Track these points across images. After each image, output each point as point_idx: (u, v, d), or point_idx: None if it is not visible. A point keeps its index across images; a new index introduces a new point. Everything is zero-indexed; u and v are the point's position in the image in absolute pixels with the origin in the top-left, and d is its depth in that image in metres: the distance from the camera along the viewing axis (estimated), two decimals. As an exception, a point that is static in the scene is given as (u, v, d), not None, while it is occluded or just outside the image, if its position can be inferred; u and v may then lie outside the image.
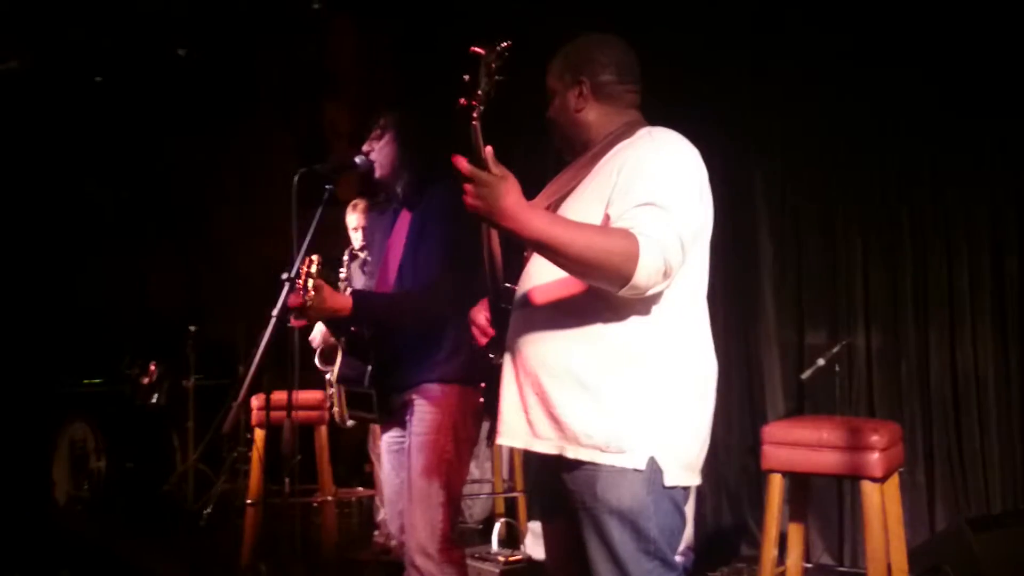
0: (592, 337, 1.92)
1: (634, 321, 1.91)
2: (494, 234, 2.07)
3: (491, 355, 2.15)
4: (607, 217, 1.92)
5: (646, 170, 1.91)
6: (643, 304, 1.90)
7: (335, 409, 3.71)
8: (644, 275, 1.78)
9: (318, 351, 3.56)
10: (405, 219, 3.06)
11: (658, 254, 1.79)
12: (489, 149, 1.77)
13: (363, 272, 4.50)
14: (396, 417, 2.99)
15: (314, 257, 2.70)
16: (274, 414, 2.99)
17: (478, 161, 1.77)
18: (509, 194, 1.77)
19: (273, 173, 5.68)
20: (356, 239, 4.78)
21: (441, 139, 2.94)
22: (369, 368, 2.92)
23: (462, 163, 1.76)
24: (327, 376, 3.73)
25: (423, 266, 2.89)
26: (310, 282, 2.71)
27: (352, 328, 2.96)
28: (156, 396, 6.76)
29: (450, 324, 2.81)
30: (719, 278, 4.96)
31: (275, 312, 2.74)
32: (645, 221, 1.82)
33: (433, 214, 2.90)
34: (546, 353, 1.96)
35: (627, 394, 1.90)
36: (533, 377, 1.97)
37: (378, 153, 3.01)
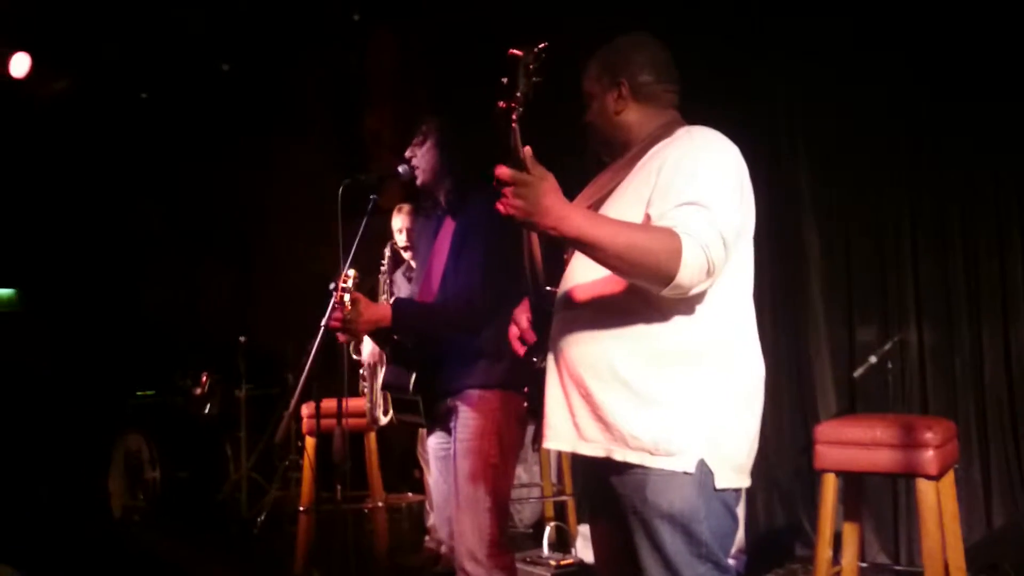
0: (636, 337, 1.90)
1: (679, 321, 1.89)
2: (534, 237, 2.06)
3: (534, 359, 2.13)
4: (647, 217, 1.90)
5: (686, 169, 1.89)
6: (687, 304, 1.89)
7: (367, 404, 3.87)
8: (687, 274, 1.77)
9: (352, 346, 3.60)
10: (449, 227, 3.07)
11: (700, 252, 1.78)
12: (528, 150, 1.76)
13: (406, 279, 4.54)
14: (441, 423, 3.01)
15: (351, 272, 2.73)
16: (324, 422, 3.01)
17: (517, 163, 1.75)
18: (548, 193, 1.75)
19: (320, 184, 5.62)
20: (401, 240, 4.80)
21: (483, 144, 2.95)
22: (414, 375, 2.93)
23: (501, 168, 1.75)
24: (361, 372, 3.84)
25: (464, 275, 2.89)
26: (347, 297, 2.74)
27: (395, 337, 2.98)
28: (208, 406, 6.83)
29: (492, 329, 2.81)
30: (767, 277, 5.00)
31: (323, 322, 2.79)
32: (687, 220, 1.81)
33: (475, 221, 2.91)
34: (590, 354, 1.95)
35: (674, 395, 1.88)
36: (578, 379, 1.95)
37: (420, 159, 3.02)
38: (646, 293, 1.84)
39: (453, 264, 2.95)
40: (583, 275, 1.99)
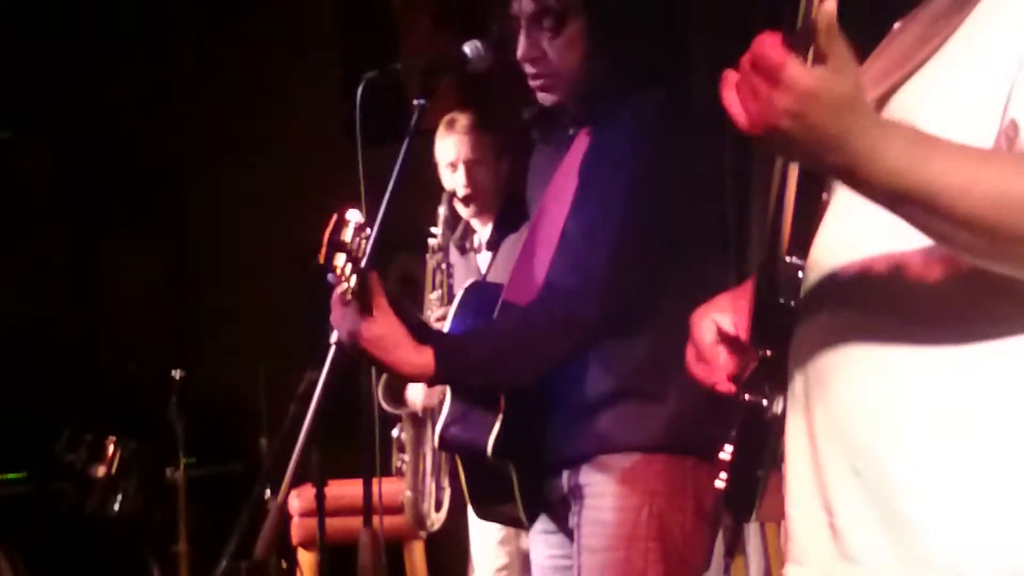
0: (991, 374, 1.25)
1: None
2: (793, 171, 1.39)
3: (752, 396, 1.46)
4: (1013, 127, 1.21)
5: None
6: None
7: (408, 494, 3.13)
8: None
9: (382, 382, 2.89)
10: (578, 150, 2.15)
11: None
12: (828, 7, 1.07)
13: (461, 253, 3.38)
14: (553, 517, 2.19)
15: (351, 215, 1.88)
16: (334, 523, 2.27)
17: (800, 33, 1.09)
18: (848, 102, 1.11)
19: (301, 89, 4.32)
20: (456, 182, 3.33)
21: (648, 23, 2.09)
22: (497, 423, 2.07)
23: (766, 40, 1.09)
24: (398, 434, 3.22)
25: (574, 251, 2.10)
26: (347, 267, 1.84)
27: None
28: (119, 498, 5.16)
29: (644, 344, 2.08)
30: None
31: (333, 338, 1.92)
32: None
33: (619, 147, 2.07)
34: (890, 399, 1.30)
35: None
36: (855, 445, 1.32)
37: (552, 58, 2.06)
38: (1009, 283, 1.24)
39: (573, 224, 2.12)
40: (862, 234, 1.34)
